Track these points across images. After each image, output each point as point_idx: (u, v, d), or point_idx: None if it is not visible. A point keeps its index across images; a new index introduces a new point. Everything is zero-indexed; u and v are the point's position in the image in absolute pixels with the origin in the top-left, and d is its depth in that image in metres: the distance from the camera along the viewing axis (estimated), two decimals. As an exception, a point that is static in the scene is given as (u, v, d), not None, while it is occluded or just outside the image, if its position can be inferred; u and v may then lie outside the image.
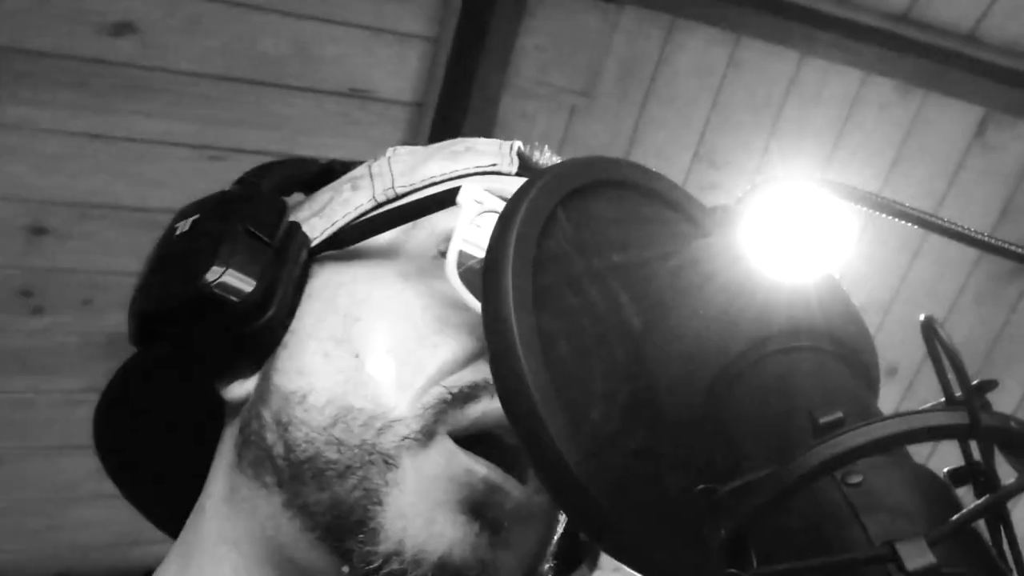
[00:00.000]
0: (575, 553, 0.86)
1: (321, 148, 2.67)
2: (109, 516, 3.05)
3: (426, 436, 0.75)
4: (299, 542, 0.75)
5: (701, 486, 0.51)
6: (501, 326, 0.60)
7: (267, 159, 0.96)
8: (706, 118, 3.04)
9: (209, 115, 2.61)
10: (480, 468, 0.75)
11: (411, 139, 2.78)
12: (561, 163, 0.72)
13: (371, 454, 0.74)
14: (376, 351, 0.77)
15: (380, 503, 0.73)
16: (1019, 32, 3.04)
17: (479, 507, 0.74)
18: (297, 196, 0.93)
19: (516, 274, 0.61)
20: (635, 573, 0.62)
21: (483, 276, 0.63)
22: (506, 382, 0.59)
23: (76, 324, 2.80)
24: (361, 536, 0.72)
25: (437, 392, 0.76)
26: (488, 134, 2.70)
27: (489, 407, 0.76)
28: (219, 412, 0.85)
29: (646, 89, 2.95)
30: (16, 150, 2.51)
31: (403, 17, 2.64)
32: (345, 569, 0.73)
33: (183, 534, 0.84)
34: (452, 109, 2.74)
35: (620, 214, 0.71)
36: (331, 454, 0.74)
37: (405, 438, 0.74)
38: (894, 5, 2.94)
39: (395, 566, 0.72)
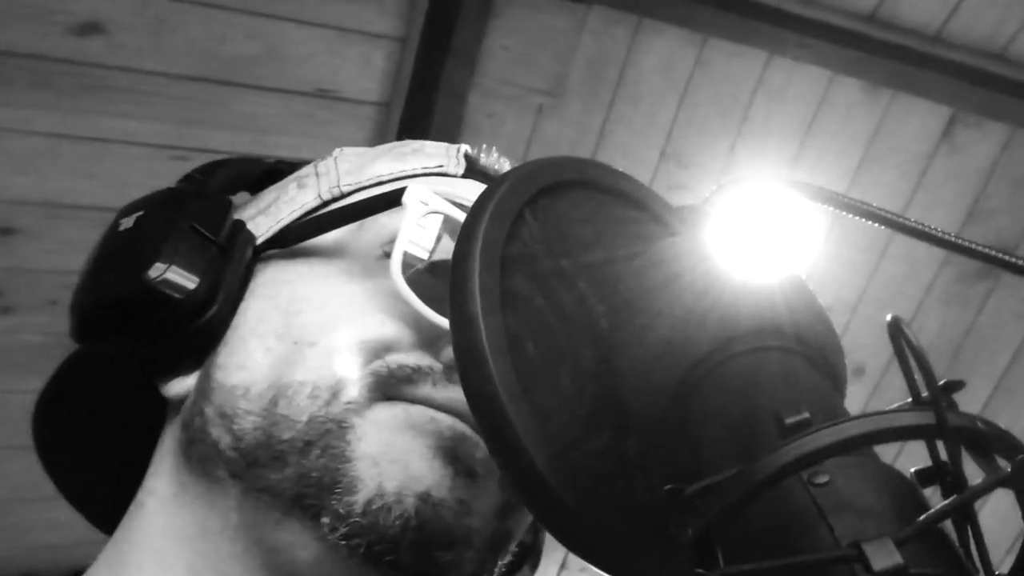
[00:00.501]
0: (518, 555, 0.85)
1: (287, 148, 2.67)
2: (76, 516, 3.02)
3: (370, 401, 0.74)
4: (264, 523, 0.74)
5: (668, 486, 0.51)
6: (468, 326, 0.60)
7: (235, 159, 0.96)
8: (673, 118, 3.05)
9: (176, 115, 2.61)
10: (443, 417, 0.75)
11: (377, 139, 2.78)
12: (527, 163, 0.71)
13: (324, 423, 0.73)
14: (317, 335, 0.77)
15: (349, 460, 0.73)
16: (986, 32, 3.06)
17: (452, 454, 0.74)
18: (244, 195, 0.93)
19: (484, 274, 0.61)
20: (602, 573, 0.61)
21: (451, 275, 0.62)
22: (473, 382, 0.59)
23: (45, 324, 2.79)
24: (337, 491, 0.72)
25: (379, 365, 0.75)
26: (455, 134, 2.71)
27: (431, 393, 0.76)
28: (160, 409, 0.84)
29: (613, 89, 2.95)
30: (-17, 150, 2.50)
31: (370, 17, 2.64)
32: (326, 519, 0.72)
33: (118, 532, 0.83)
34: (418, 109, 2.73)
35: (587, 214, 0.71)
36: (283, 433, 0.74)
37: (350, 402, 0.74)
38: (861, 5, 2.96)
39: (377, 505, 0.71)
